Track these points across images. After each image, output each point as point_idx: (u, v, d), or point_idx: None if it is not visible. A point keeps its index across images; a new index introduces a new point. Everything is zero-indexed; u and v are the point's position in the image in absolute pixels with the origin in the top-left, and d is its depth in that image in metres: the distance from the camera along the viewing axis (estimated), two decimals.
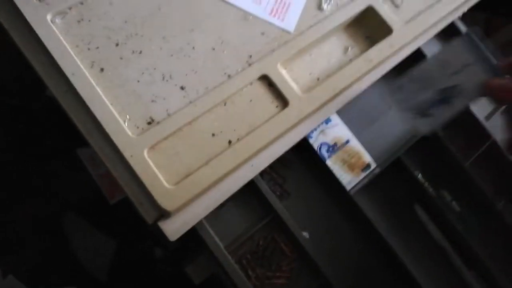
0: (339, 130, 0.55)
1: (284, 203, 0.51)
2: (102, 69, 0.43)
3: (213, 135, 0.44)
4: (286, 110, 0.46)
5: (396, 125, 0.57)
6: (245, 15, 0.49)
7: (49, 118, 0.77)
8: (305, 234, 0.51)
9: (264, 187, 0.48)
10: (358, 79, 0.50)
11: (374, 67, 0.51)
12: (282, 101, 0.47)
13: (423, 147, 0.55)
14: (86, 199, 0.79)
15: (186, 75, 0.45)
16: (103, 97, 0.41)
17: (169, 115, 0.43)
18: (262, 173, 0.49)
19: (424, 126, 0.46)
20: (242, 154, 0.43)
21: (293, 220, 0.49)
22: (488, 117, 0.62)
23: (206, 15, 0.48)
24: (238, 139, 0.44)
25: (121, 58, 0.44)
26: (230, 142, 0.44)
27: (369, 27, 0.53)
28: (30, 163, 0.77)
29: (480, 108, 0.61)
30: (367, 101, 0.58)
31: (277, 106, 0.47)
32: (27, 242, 0.74)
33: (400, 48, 0.52)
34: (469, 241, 0.54)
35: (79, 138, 0.42)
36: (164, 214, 0.40)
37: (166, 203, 0.40)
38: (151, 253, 0.78)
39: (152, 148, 0.42)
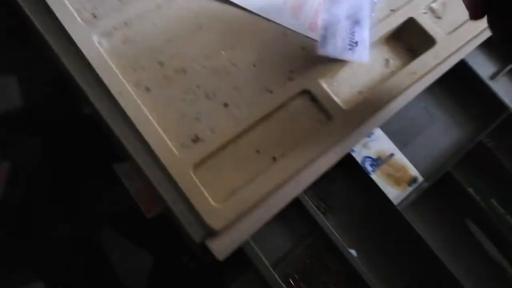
0: (382, 143, 0.53)
1: (329, 219, 0.50)
2: (147, 89, 0.44)
3: (257, 151, 0.44)
4: (330, 124, 0.46)
5: (442, 137, 0.56)
6: (284, 31, 0.49)
7: (87, 136, 0.79)
8: (353, 252, 0.50)
9: (308, 203, 0.48)
10: (402, 92, 0.49)
11: (418, 79, 0.50)
12: (326, 115, 0.46)
13: (471, 159, 0.53)
14: (123, 214, 0.80)
15: (229, 92, 0.45)
16: (149, 116, 0.42)
17: (213, 132, 0.43)
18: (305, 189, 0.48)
19: None
20: (287, 170, 0.43)
21: (339, 237, 0.48)
22: None
23: (246, 32, 0.48)
24: (282, 155, 0.44)
25: (165, 78, 0.44)
26: (274, 158, 0.44)
27: (410, 39, 0.53)
28: (66, 180, 0.79)
29: None
30: (410, 114, 0.56)
31: (320, 121, 0.46)
32: (67, 259, 0.75)
33: (444, 60, 0.51)
34: None
35: (114, 155, 0.42)
36: (212, 233, 0.40)
37: (213, 222, 0.39)
38: (188, 267, 0.78)
39: (197, 165, 0.42)
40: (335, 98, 0.47)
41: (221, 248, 0.40)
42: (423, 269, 0.49)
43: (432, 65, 0.50)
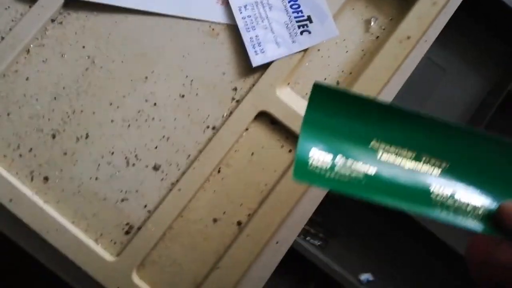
0: None
1: (332, 247, 0.40)
2: (46, 178, 0.33)
3: (214, 220, 0.33)
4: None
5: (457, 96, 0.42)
6: (212, 29, 0.35)
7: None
8: (367, 276, 0.41)
9: (300, 247, 0.38)
10: (398, 68, 0.35)
11: (417, 43, 0.35)
12: (296, 140, 0.34)
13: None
14: None
15: (156, 147, 0.33)
16: (58, 217, 0.32)
17: (149, 212, 0.33)
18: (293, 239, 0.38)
19: None
20: (261, 235, 0.32)
21: (343, 270, 0.39)
22: None
23: (158, 49, 0.34)
24: (249, 216, 0.33)
25: (65, 154, 0.33)
26: (239, 223, 0.33)
27: None
28: None
29: None
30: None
31: (290, 151, 0.34)
32: None
33: (446, 4, 0.35)
34: None
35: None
36: None
37: None
38: None
39: (141, 265, 0.32)
40: (302, 112, 0.34)
41: None
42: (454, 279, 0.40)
43: (433, 14, 0.35)
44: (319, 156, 0.22)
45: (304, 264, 0.40)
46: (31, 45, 0.34)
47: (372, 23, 0.37)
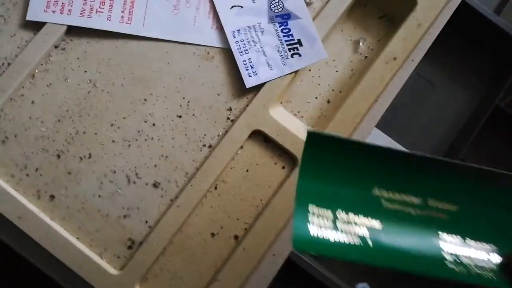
0: (376, 140, 0.43)
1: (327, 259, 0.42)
2: (52, 196, 0.34)
3: (212, 235, 0.35)
4: (298, 167, 0.35)
5: (445, 110, 0.44)
6: (207, 53, 0.36)
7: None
8: (363, 285, 0.42)
9: (297, 258, 0.39)
10: (385, 87, 0.37)
11: (404, 62, 0.37)
12: (289, 157, 0.36)
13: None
14: None
15: (156, 165, 0.35)
16: (64, 233, 0.34)
17: (150, 228, 0.34)
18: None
19: None
20: (257, 248, 0.34)
21: (340, 277, 0.40)
22: None
23: (156, 72, 0.36)
24: (245, 230, 0.35)
25: (69, 173, 0.35)
26: (236, 237, 0.35)
27: (381, 4, 0.39)
28: None
29: None
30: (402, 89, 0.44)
31: (283, 167, 0.36)
32: None
33: (431, 26, 0.37)
34: None
35: None
36: None
37: None
38: None
39: (144, 278, 0.34)
40: (297, 123, 0.36)
41: None
42: None
43: (417, 36, 0.37)
44: (318, 212, 0.20)
45: (300, 274, 0.42)
46: (36, 70, 0.36)
47: (360, 44, 0.39)
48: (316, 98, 0.38)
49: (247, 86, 0.36)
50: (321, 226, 0.20)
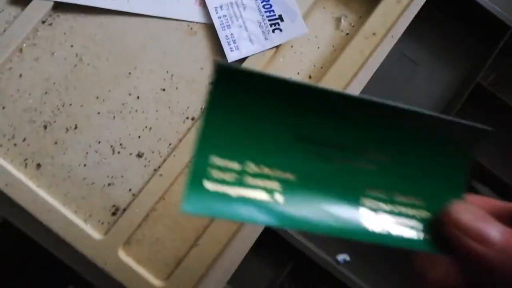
0: None
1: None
2: (38, 165, 0.36)
3: None
4: None
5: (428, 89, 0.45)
6: (190, 28, 0.38)
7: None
8: (344, 256, 0.44)
9: (278, 228, 0.41)
10: (364, 63, 0.38)
11: (383, 38, 0.38)
12: None
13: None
14: None
15: (140, 136, 0.36)
16: (50, 199, 0.35)
17: (134, 195, 0.36)
18: None
19: None
20: None
21: (321, 248, 0.41)
22: None
23: (140, 47, 0.37)
24: None
25: (55, 143, 0.36)
26: None
27: None
28: None
29: None
30: (386, 67, 0.45)
31: None
32: None
33: (411, 2, 0.38)
34: None
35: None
36: None
37: None
38: None
39: (127, 243, 0.35)
40: None
41: None
42: None
43: (397, 12, 0.38)
44: (222, 164, 0.17)
45: (282, 245, 0.43)
46: (24, 45, 0.37)
47: (342, 21, 0.40)
48: (298, 73, 0.39)
49: (229, 61, 0.37)
50: (222, 181, 0.16)
